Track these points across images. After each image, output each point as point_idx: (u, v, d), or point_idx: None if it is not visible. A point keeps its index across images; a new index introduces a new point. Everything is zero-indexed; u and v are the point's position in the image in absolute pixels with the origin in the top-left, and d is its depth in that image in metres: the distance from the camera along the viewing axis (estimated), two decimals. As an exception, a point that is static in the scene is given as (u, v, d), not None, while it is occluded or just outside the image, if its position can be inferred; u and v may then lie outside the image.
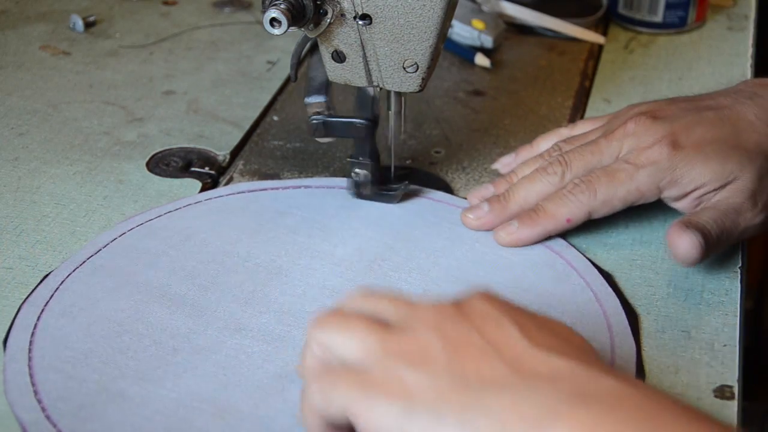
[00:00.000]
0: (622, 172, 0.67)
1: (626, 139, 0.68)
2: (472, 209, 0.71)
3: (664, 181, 0.67)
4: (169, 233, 0.69)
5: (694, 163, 0.66)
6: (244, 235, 0.69)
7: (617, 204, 0.68)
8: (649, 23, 0.98)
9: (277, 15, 0.61)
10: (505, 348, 0.48)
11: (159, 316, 0.62)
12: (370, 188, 0.72)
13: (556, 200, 0.68)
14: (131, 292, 0.64)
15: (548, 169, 0.70)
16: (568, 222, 0.68)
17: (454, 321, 0.50)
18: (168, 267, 0.66)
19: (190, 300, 0.63)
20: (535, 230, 0.68)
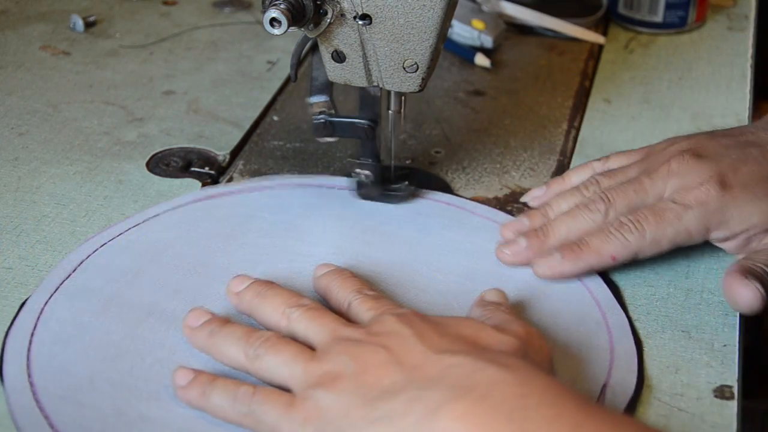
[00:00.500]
0: (670, 212, 0.65)
1: (671, 179, 0.66)
2: (509, 244, 0.68)
3: (713, 222, 0.65)
4: (140, 249, 0.68)
5: (743, 205, 0.65)
6: (217, 243, 0.68)
7: (665, 245, 0.65)
8: (649, 23, 0.98)
9: (277, 15, 0.61)
10: (405, 357, 0.53)
11: (155, 334, 0.61)
12: (375, 189, 0.72)
13: (602, 236, 0.65)
14: (119, 313, 0.62)
15: (591, 206, 0.67)
16: (613, 260, 0.65)
17: (365, 342, 0.55)
18: (150, 284, 0.65)
19: (181, 315, 0.61)
20: (578, 265, 0.65)
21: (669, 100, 0.87)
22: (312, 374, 0.54)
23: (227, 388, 0.55)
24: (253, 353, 0.56)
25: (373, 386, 0.52)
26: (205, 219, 0.71)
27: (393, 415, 0.51)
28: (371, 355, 0.54)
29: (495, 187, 0.76)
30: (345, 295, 0.61)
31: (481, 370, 0.51)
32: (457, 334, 0.56)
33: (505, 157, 0.79)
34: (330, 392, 0.53)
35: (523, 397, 0.49)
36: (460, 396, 0.50)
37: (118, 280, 0.65)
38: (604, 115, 0.85)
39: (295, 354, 0.56)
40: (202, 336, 0.59)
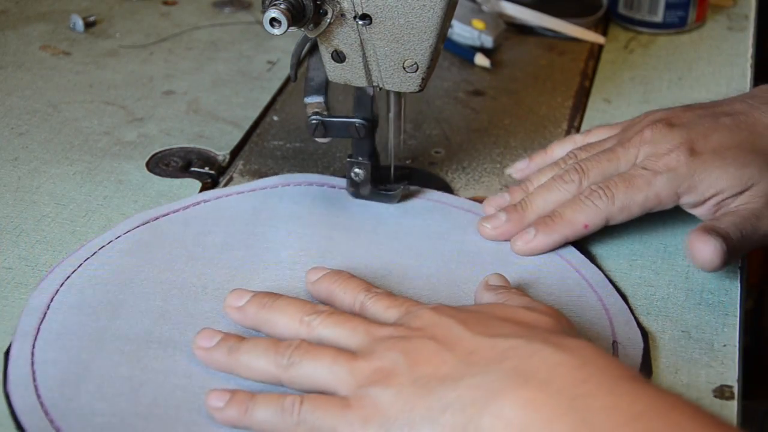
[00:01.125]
0: (639, 178, 0.67)
1: (643, 146, 0.68)
2: (489, 219, 0.70)
3: (682, 187, 0.67)
4: (106, 278, 0.65)
5: (712, 169, 0.66)
6: (183, 264, 0.66)
7: (635, 210, 0.67)
8: (649, 23, 0.98)
9: (277, 15, 0.61)
10: (456, 345, 0.54)
11: (162, 362, 0.59)
12: (369, 188, 0.72)
13: (572, 206, 0.68)
14: (116, 347, 0.60)
15: (565, 177, 0.69)
16: (586, 228, 0.67)
17: (410, 336, 0.55)
18: (133, 314, 0.62)
19: (178, 340, 0.60)
20: (552, 237, 0.68)
21: (669, 100, 0.87)
22: (361, 373, 0.54)
23: (271, 400, 0.54)
24: (287, 362, 0.55)
25: (430, 376, 0.52)
26: (159, 243, 0.68)
27: (459, 402, 0.51)
28: (421, 348, 0.54)
29: (495, 187, 0.76)
30: (353, 296, 0.61)
31: (539, 352, 0.51)
32: (497, 318, 0.56)
33: (505, 157, 0.79)
34: (387, 388, 0.52)
35: (584, 382, 0.49)
36: (523, 382, 0.50)
37: (98, 315, 0.62)
38: (604, 115, 0.85)
39: (334, 356, 0.55)
40: (220, 355, 0.57)
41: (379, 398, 0.52)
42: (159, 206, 0.72)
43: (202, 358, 0.58)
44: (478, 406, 0.50)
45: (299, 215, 0.71)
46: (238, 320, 0.61)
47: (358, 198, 0.73)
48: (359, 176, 0.72)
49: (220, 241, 0.69)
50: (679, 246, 0.69)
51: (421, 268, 0.67)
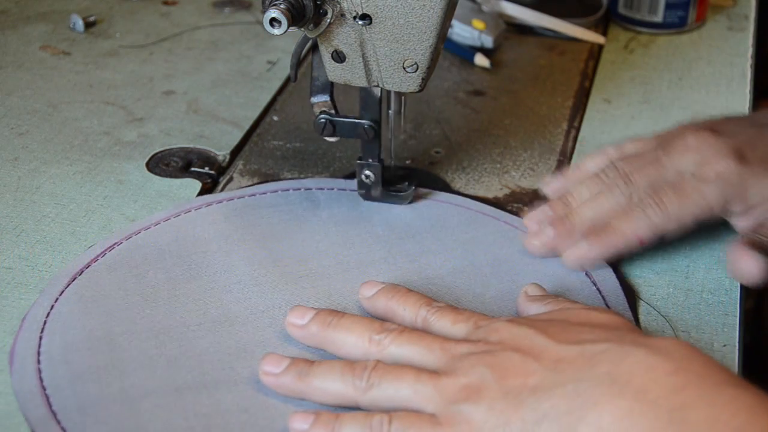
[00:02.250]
0: (691, 187, 0.65)
1: (687, 153, 0.66)
2: (536, 235, 0.67)
3: (732, 195, 0.65)
4: (106, 297, 0.64)
5: (760, 177, 0.65)
6: (180, 289, 0.65)
7: (689, 221, 0.65)
8: (649, 23, 0.98)
9: (277, 15, 0.61)
10: (541, 354, 0.53)
11: (169, 382, 0.58)
12: (380, 190, 0.72)
13: (625, 218, 0.65)
14: (135, 370, 0.58)
15: (612, 189, 0.67)
16: (640, 242, 0.65)
17: (492, 350, 0.54)
18: (143, 329, 0.61)
19: (196, 354, 0.59)
20: (605, 248, 0.65)
21: (669, 100, 0.87)
22: (447, 391, 0.53)
23: (357, 420, 0.53)
24: (366, 383, 0.54)
25: (521, 388, 0.51)
26: (145, 259, 0.67)
27: (555, 411, 0.50)
28: (505, 360, 0.53)
29: (495, 187, 0.76)
30: (414, 312, 0.59)
31: (631, 354, 0.50)
32: (573, 323, 0.55)
33: (505, 157, 0.79)
34: (478, 404, 0.52)
35: (681, 390, 0.48)
36: (619, 390, 0.49)
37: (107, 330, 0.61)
38: (604, 115, 0.85)
39: (416, 375, 0.54)
40: (289, 380, 0.56)
41: (472, 415, 0.51)
42: (185, 202, 0.73)
43: (271, 383, 0.56)
44: (575, 415, 0.49)
45: (323, 221, 0.71)
46: (300, 338, 0.59)
47: (369, 200, 0.73)
48: (370, 178, 0.71)
49: (218, 257, 0.68)
50: (679, 246, 0.69)
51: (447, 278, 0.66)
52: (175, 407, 0.56)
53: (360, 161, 0.71)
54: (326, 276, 0.66)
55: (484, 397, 0.52)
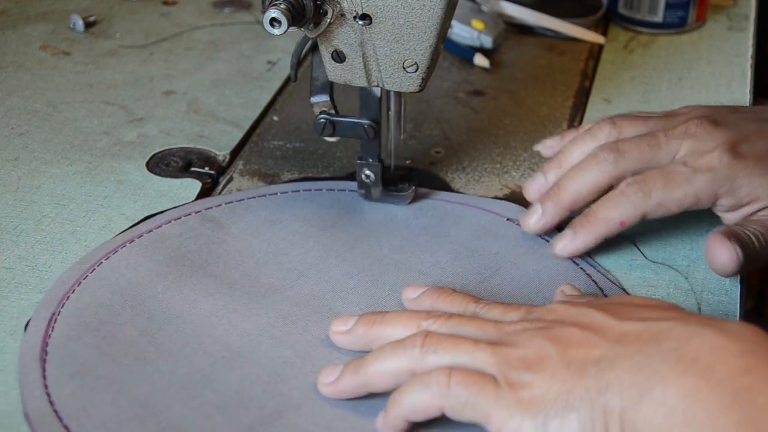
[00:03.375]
0: (679, 174, 0.65)
1: (686, 140, 0.66)
2: (530, 214, 0.68)
3: (722, 189, 0.64)
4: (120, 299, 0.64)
5: (753, 176, 0.64)
6: (180, 299, 0.64)
7: (673, 207, 0.65)
8: (650, 23, 0.98)
9: (277, 15, 0.61)
10: (603, 330, 0.52)
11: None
12: (380, 190, 0.72)
13: (608, 203, 0.65)
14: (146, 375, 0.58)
15: (599, 156, 0.66)
16: (622, 225, 0.65)
17: (550, 327, 0.53)
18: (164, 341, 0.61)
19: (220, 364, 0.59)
20: (589, 237, 0.66)
21: (669, 100, 0.87)
22: (507, 359, 0.52)
23: (414, 383, 0.53)
24: (420, 351, 0.53)
25: (584, 359, 0.51)
26: (135, 265, 0.67)
27: (619, 383, 0.49)
28: (567, 333, 0.52)
29: (495, 187, 0.76)
30: (462, 308, 0.59)
31: (698, 334, 0.50)
32: (633, 305, 0.55)
33: (505, 157, 0.79)
34: (540, 373, 0.51)
35: (747, 373, 0.47)
36: (685, 368, 0.48)
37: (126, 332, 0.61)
38: (604, 115, 0.85)
39: (474, 342, 0.53)
40: (347, 380, 0.56)
41: (534, 382, 0.51)
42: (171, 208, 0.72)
43: (332, 392, 0.56)
44: (639, 388, 0.49)
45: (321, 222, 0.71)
46: (346, 344, 0.59)
47: (369, 200, 0.73)
48: (370, 178, 0.71)
49: (240, 250, 0.68)
50: (680, 246, 0.69)
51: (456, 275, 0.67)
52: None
53: (360, 161, 0.71)
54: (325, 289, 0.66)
55: (547, 366, 0.51)
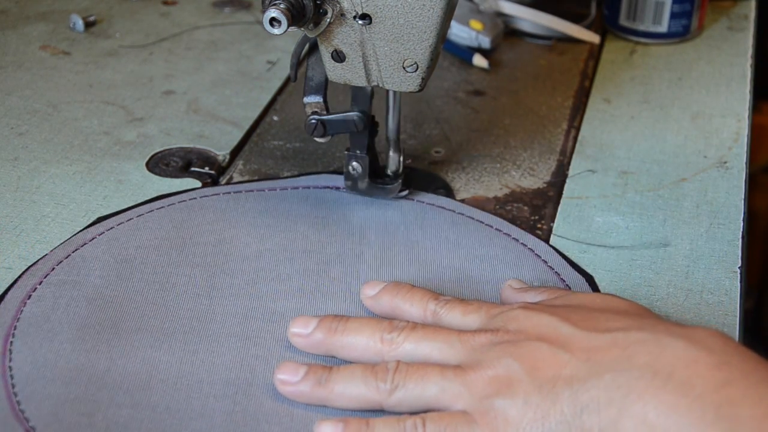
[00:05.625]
0: None
1: None
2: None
3: None
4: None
5: None
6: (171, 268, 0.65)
7: None
8: (653, 34, 0.97)
9: (277, 15, 0.61)
10: (569, 344, 0.51)
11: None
12: (366, 182, 0.72)
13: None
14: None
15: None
16: None
17: (515, 340, 0.52)
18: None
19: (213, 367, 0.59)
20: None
21: (669, 100, 0.87)
22: (476, 385, 0.51)
23: (389, 424, 0.52)
24: (390, 385, 0.53)
25: (554, 379, 0.50)
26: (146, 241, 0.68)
27: (595, 403, 0.49)
28: (533, 351, 0.51)
29: (495, 187, 0.76)
30: (422, 307, 0.58)
31: (669, 346, 0.49)
32: (595, 309, 0.54)
33: (505, 157, 0.79)
34: (511, 398, 0.50)
35: (726, 385, 0.47)
36: (662, 384, 0.48)
37: None
38: (604, 115, 0.85)
39: (442, 372, 0.52)
40: (308, 388, 0.54)
41: (508, 410, 0.50)
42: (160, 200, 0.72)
43: (289, 393, 0.55)
44: (617, 407, 0.48)
45: (305, 219, 0.71)
46: (306, 347, 0.58)
47: (355, 192, 0.73)
48: (357, 170, 0.72)
49: (220, 242, 0.69)
50: (680, 246, 0.69)
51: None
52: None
53: (348, 152, 0.71)
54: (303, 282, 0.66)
55: (518, 390, 0.50)
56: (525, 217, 0.72)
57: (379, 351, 0.55)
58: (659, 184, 0.76)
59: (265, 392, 0.57)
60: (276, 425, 0.55)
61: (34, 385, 0.57)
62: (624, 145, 0.81)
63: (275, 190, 0.74)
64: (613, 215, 0.72)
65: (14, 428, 0.54)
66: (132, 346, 0.59)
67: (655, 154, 0.80)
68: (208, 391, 0.57)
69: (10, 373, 0.57)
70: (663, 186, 0.76)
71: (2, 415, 0.55)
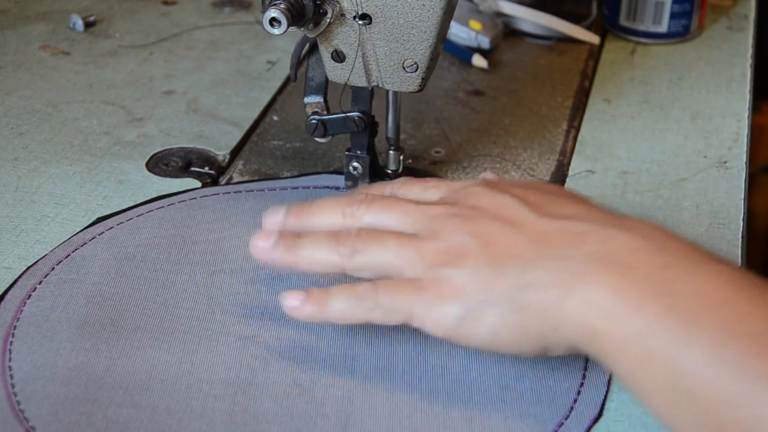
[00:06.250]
0: None
1: None
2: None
3: None
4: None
5: None
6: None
7: None
8: (653, 34, 0.97)
9: (277, 15, 0.61)
10: (524, 226, 0.54)
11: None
12: (367, 182, 0.72)
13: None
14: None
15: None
16: None
17: (472, 216, 0.55)
18: None
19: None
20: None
21: (669, 100, 0.87)
22: (429, 254, 0.54)
23: (345, 290, 0.56)
24: (349, 250, 0.56)
25: (504, 256, 0.53)
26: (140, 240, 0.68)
27: (539, 282, 0.51)
28: (488, 228, 0.54)
29: (495, 187, 0.76)
30: (379, 191, 0.61)
31: (614, 237, 0.52)
32: (551, 194, 0.57)
33: (505, 158, 0.79)
34: (461, 269, 0.53)
35: (666, 268, 0.50)
36: (606, 268, 0.50)
37: None
38: (604, 115, 0.85)
39: (398, 239, 0.56)
40: (279, 252, 0.58)
41: (454, 278, 0.53)
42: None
43: (262, 256, 0.59)
44: (561, 287, 0.51)
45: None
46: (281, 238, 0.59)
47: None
48: (357, 170, 0.72)
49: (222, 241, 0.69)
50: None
51: None
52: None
53: (348, 153, 0.71)
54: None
55: (468, 262, 0.53)
56: (525, 217, 0.72)
57: (342, 225, 0.59)
58: (659, 184, 0.76)
59: (264, 392, 0.57)
60: (276, 425, 0.55)
61: (34, 385, 0.57)
62: (624, 145, 0.81)
63: (275, 190, 0.74)
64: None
65: (14, 428, 0.54)
66: (131, 345, 0.60)
67: (655, 154, 0.80)
68: (208, 390, 0.57)
69: (10, 373, 0.57)
70: (663, 186, 0.76)
71: (2, 415, 0.55)
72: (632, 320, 0.48)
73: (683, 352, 0.47)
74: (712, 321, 0.47)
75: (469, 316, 0.53)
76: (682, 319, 0.47)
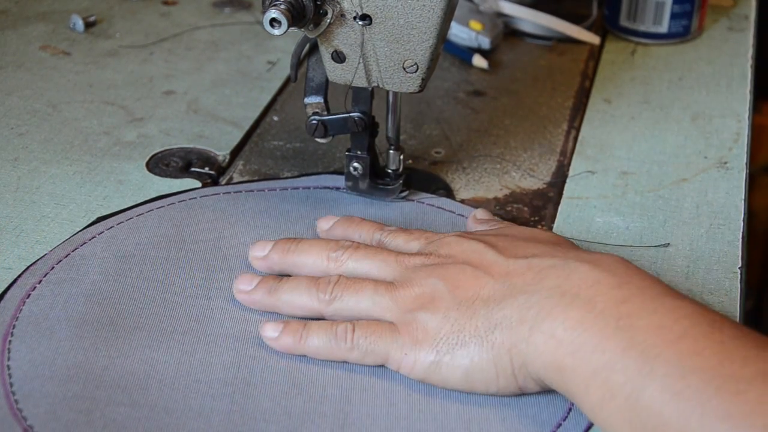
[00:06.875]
0: None
1: None
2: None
3: None
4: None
5: None
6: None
7: None
8: (654, 34, 0.97)
9: (277, 15, 0.61)
10: (491, 268, 0.57)
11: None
12: (367, 183, 0.72)
13: None
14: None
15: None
16: None
17: (444, 263, 0.58)
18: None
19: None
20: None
21: (669, 100, 0.87)
22: (403, 301, 0.57)
23: (323, 328, 0.58)
24: (329, 297, 0.59)
25: (473, 299, 0.56)
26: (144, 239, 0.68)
27: (507, 321, 0.54)
28: (457, 273, 0.57)
29: (495, 188, 0.76)
30: (369, 236, 0.64)
31: (577, 270, 0.54)
32: (520, 239, 0.60)
33: (505, 158, 0.79)
34: (432, 313, 0.56)
35: (625, 302, 0.52)
36: (570, 302, 0.52)
37: None
38: (604, 115, 0.85)
39: (374, 287, 0.58)
40: (260, 295, 0.61)
41: (428, 323, 0.56)
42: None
43: (244, 300, 0.62)
44: (528, 324, 0.53)
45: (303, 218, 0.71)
46: (264, 268, 0.64)
47: (356, 192, 0.73)
48: (358, 170, 0.72)
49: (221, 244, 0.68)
50: (680, 246, 0.69)
51: None
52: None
53: (348, 153, 0.71)
54: None
55: (439, 306, 0.56)
56: (525, 218, 0.72)
57: (326, 268, 0.62)
58: (659, 185, 0.76)
59: (262, 392, 0.57)
60: (273, 424, 0.55)
61: (32, 384, 0.57)
62: (624, 146, 0.80)
63: (275, 191, 0.74)
64: (613, 216, 0.72)
65: (12, 427, 0.54)
66: (130, 345, 0.60)
67: (656, 154, 0.80)
68: (206, 390, 0.57)
69: (8, 372, 0.57)
70: (663, 186, 0.76)
71: (0, 414, 0.55)
72: (597, 356, 0.50)
73: (645, 388, 0.48)
74: (671, 356, 0.48)
75: (442, 361, 0.55)
76: (641, 354, 0.49)
